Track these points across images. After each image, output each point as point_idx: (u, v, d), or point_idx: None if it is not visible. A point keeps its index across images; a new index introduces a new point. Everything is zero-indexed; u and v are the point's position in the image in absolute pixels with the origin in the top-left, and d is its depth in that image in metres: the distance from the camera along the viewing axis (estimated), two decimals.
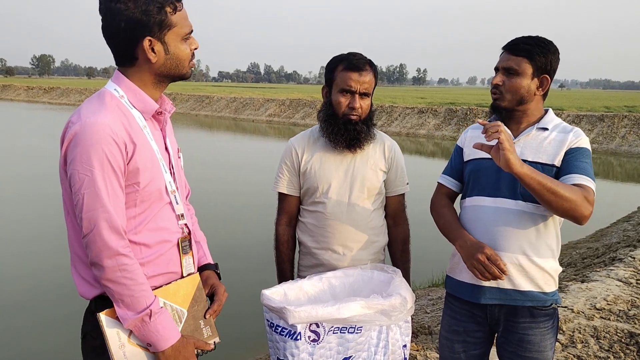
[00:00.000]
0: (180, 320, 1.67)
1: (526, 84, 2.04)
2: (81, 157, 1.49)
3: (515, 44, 2.05)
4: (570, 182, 1.91)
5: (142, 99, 1.65)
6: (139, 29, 1.56)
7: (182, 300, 1.69)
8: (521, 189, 2.00)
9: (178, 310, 1.67)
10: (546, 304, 2.05)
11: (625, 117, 25.51)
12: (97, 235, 1.49)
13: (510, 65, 2.03)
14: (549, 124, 2.10)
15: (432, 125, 30.01)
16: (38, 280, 6.54)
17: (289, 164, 2.46)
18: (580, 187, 1.89)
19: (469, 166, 2.20)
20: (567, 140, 2.03)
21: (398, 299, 1.93)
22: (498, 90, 2.08)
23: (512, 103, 2.07)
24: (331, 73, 2.38)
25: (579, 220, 1.87)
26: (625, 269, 5.38)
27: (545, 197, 1.82)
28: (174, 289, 1.67)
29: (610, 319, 4.10)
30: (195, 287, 1.74)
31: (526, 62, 2.02)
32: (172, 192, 1.71)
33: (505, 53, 2.08)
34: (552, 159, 2.02)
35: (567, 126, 2.11)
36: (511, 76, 2.04)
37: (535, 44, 2.03)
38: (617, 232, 8.63)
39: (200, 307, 1.74)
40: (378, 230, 2.46)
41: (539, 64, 2.03)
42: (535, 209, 2.00)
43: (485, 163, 2.10)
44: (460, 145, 2.30)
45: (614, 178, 17.77)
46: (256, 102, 41.85)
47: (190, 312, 1.70)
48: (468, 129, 2.34)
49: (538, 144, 2.05)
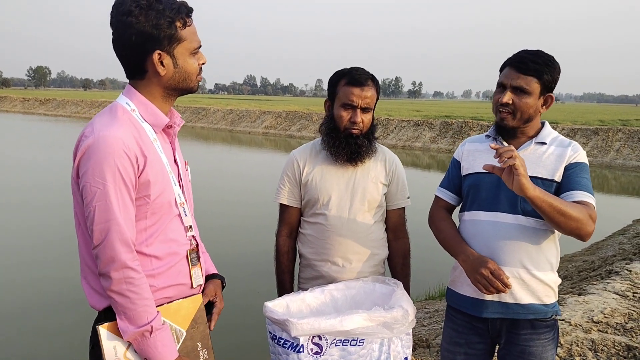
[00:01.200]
0: (178, 340, 1.67)
1: (534, 104, 2.03)
2: (94, 170, 1.51)
3: (524, 62, 2.01)
4: (572, 199, 1.93)
5: (153, 113, 1.68)
6: (149, 42, 1.59)
7: (182, 320, 1.69)
8: (522, 204, 2.02)
9: (177, 330, 1.68)
10: (547, 315, 2.07)
11: (619, 131, 25.69)
12: (107, 247, 1.51)
13: (520, 85, 2.01)
14: (547, 138, 2.11)
15: (427, 138, 30.11)
16: (43, 289, 6.55)
17: (290, 175, 2.48)
18: (584, 205, 1.91)
19: (467, 180, 2.21)
20: (566, 155, 2.05)
21: (400, 311, 1.94)
22: (507, 109, 2.05)
23: (520, 122, 2.07)
24: (333, 87, 2.40)
25: (582, 237, 1.90)
26: (621, 282, 5.40)
27: (555, 219, 1.84)
28: (175, 308, 1.68)
29: (607, 332, 4.11)
30: (197, 308, 1.74)
31: (535, 82, 2.01)
32: (181, 204, 1.73)
33: (512, 70, 2.04)
34: (551, 173, 2.03)
35: (565, 140, 2.13)
36: (521, 95, 2.01)
37: (543, 63, 2.00)
38: (613, 245, 8.66)
39: (199, 330, 1.73)
40: (378, 243, 2.47)
41: (547, 84, 2.03)
42: (536, 223, 2.02)
43: (484, 177, 2.11)
44: (457, 159, 2.30)
45: (609, 191, 17.85)
46: (252, 114, 41.92)
47: (189, 333, 1.70)
48: (465, 142, 2.34)
49: (537, 159, 2.07)
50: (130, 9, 1.57)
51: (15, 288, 6.60)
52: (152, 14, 1.58)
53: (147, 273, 1.62)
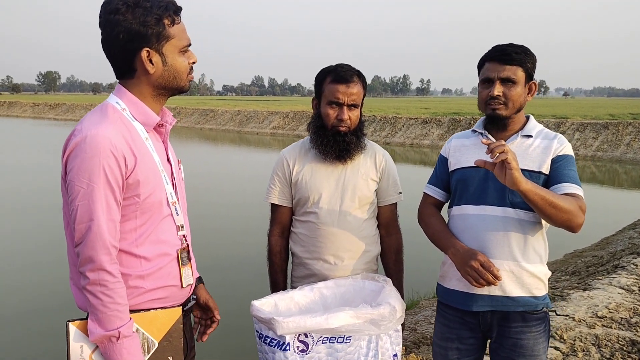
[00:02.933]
0: (149, 350, 1.64)
1: (522, 92, 2.08)
2: (79, 169, 1.50)
3: (507, 53, 2.05)
4: (562, 192, 1.95)
5: (143, 112, 1.67)
6: (137, 40, 1.59)
7: (157, 330, 1.66)
8: (510, 197, 2.02)
9: (149, 340, 1.64)
10: (537, 308, 2.07)
11: (629, 125, 25.44)
12: (86, 246, 1.51)
13: (508, 75, 2.04)
14: (532, 131, 2.13)
15: (435, 135, 30.01)
16: (37, 291, 6.61)
17: (280, 174, 2.48)
18: (574, 197, 1.93)
19: (455, 175, 2.21)
20: (552, 147, 2.07)
21: (387, 308, 1.93)
22: (498, 100, 2.07)
23: (512, 112, 2.08)
24: (319, 85, 2.40)
25: (573, 229, 1.91)
26: (627, 277, 5.34)
27: (547, 211, 1.85)
28: (150, 318, 1.65)
29: (612, 327, 4.07)
30: (174, 322, 1.70)
31: (520, 71, 2.05)
32: (172, 203, 1.72)
33: (495, 63, 2.07)
34: (538, 165, 2.04)
35: (550, 132, 2.15)
36: (510, 85, 2.05)
37: (523, 52, 2.06)
38: (623, 240, 8.57)
39: (172, 344, 1.69)
40: (370, 240, 2.46)
41: (529, 71, 2.08)
42: (524, 215, 2.03)
43: (471, 172, 2.12)
44: (444, 155, 2.31)
45: (619, 185, 17.69)
46: (260, 115, 42.03)
47: (161, 345, 1.66)
48: (452, 138, 2.35)
49: (523, 151, 2.08)
50: (117, 7, 1.57)
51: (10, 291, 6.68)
52: (139, 11, 1.58)
53: (136, 274, 1.62)
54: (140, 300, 1.64)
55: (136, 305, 1.63)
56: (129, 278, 1.61)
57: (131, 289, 1.62)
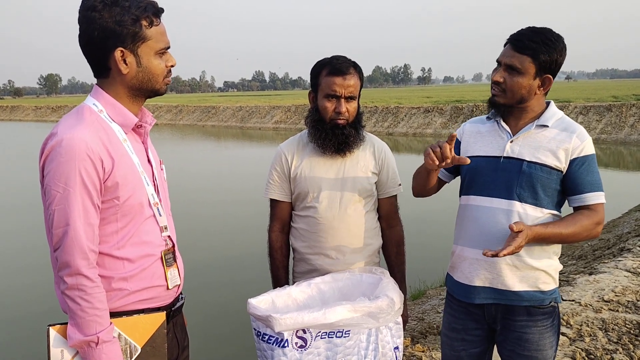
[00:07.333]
0: (131, 355, 1.62)
1: (527, 84, 1.95)
2: (55, 173, 1.49)
3: (521, 40, 1.93)
4: (582, 204, 1.95)
5: (121, 113, 1.65)
6: (111, 39, 1.57)
7: (139, 335, 1.64)
8: (518, 190, 1.97)
9: (132, 345, 1.62)
10: (544, 302, 2.02)
11: (633, 106, 25.27)
12: (64, 251, 1.50)
13: (512, 63, 1.94)
14: (549, 121, 2.01)
15: (438, 124, 29.92)
16: (24, 294, 6.67)
17: (279, 169, 2.45)
18: (592, 211, 1.94)
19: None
20: (571, 144, 1.95)
21: (385, 300, 1.91)
22: (498, 87, 2.00)
23: (511, 101, 2.00)
24: (316, 78, 2.36)
25: (592, 240, 1.95)
26: (633, 259, 5.30)
27: (565, 242, 1.98)
28: (132, 322, 1.63)
29: (618, 311, 4.04)
30: (157, 326, 1.67)
31: (530, 62, 1.92)
32: (154, 204, 1.70)
33: (509, 47, 1.98)
34: (552, 160, 1.95)
35: (570, 123, 2.02)
36: (513, 74, 1.95)
37: (541, 42, 1.91)
38: (629, 222, 8.52)
39: (156, 350, 1.66)
40: (371, 233, 2.43)
41: (543, 64, 1.93)
42: (531, 210, 1.97)
43: (482, 161, 2.07)
44: (458, 138, 2.21)
45: (624, 167, 17.59)
46: (262, 110, 41.98)
47: (144, 351, 1.64)
48: (466, 123, 2.29)
49: (537, 143, 1.99)
50: (95, 4, 1.55)
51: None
52: (117, 10, 1.56)
53: (119, 276, 1.60)
54: (125, 302, 1.63)
55: (122, 307, 1.62)
56: (112, 280, 1.60)
57: (115, 291, 1.60)
